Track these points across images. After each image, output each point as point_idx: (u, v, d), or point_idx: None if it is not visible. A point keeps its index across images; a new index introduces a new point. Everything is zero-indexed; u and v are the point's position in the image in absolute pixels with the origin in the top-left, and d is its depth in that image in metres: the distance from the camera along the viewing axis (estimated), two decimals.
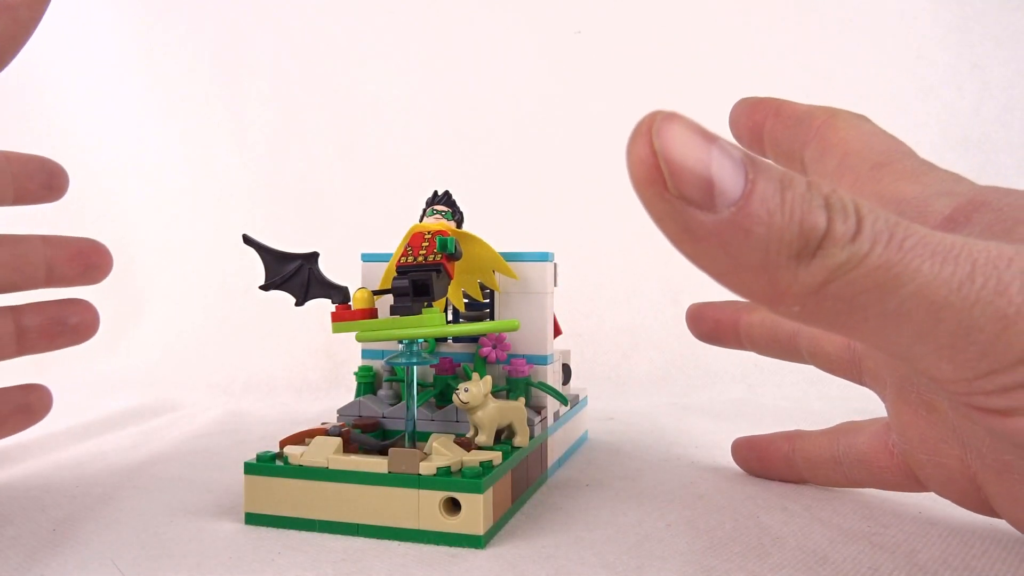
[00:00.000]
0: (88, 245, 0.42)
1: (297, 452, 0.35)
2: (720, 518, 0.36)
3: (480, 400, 0.37)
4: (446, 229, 0.38)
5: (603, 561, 0.31)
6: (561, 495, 0.41)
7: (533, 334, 0.44)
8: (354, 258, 0.47)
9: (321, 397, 0.77)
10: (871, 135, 0.29)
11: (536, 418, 0.42)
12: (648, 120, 0.18)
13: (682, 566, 0.30)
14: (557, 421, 0.46)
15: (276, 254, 0.38)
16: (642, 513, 0.37)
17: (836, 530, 0.34)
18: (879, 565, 0.30)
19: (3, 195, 0.40)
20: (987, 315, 0.18)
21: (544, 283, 0.44)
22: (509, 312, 0.44)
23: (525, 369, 0.43)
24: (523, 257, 0.44)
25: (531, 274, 0.44)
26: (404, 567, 0.30)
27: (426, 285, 0.35)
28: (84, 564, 0.31)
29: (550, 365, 0.45)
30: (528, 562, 0.31)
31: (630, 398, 0.75)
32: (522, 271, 0.44)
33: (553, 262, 0.46)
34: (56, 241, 0.41)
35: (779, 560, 0.31)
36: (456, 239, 0.37)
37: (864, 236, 0.18)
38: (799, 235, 0.18)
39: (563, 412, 0.48)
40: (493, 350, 0.43)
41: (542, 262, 0.44)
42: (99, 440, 0.57)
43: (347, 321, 0.36)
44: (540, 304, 0.44)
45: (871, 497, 0.39)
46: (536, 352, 0.44)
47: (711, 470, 0.46)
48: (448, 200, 0.41)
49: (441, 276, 0.36)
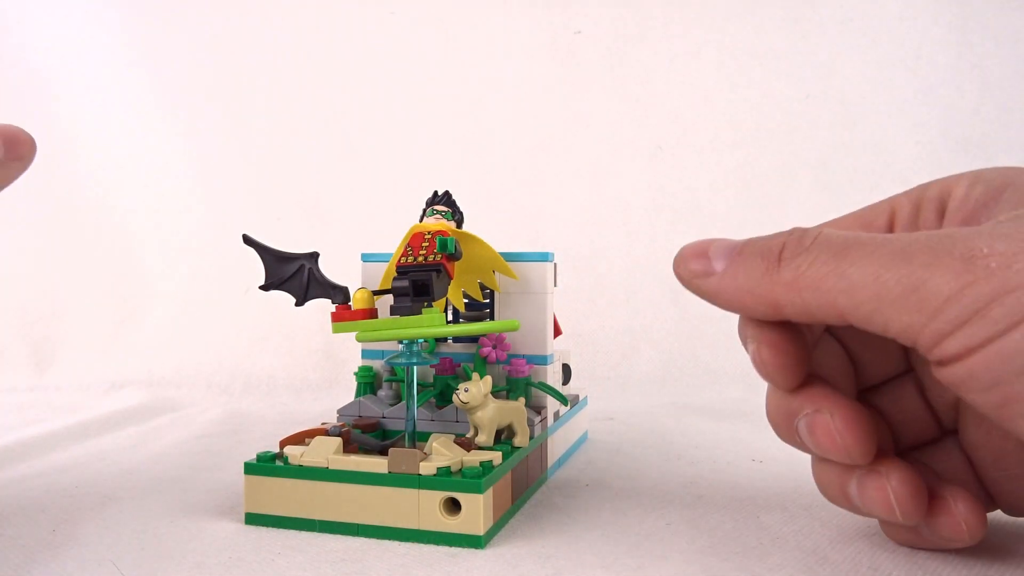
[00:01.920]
0: None
1: (297, 452, 0.35)
2: (720, 518, 0.36)
3: (480, 400, 0.37)
4: (446, 229, 0.38)
5: (603, 561, 0.31)
6: (561, 495, 0.41)
7: (533, 334, 0.44)
8: (354, 258, 0.47)
9: (321, 397, 0.77)
10: None
11: (536, 418, 0.42)
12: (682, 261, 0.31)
13: (682, 566, 0.30)
14: (557, 421, 0.46)
15: (276, 254, 0.38)
16: (642, 513, 0.37)
17: (836, 530, 0.34)
18: (879, 565, 0.30)
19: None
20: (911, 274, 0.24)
21: (544, 283, 0.44)
22: (509, 312, 0.44)
23: (525, 369, 0.43)
24: (523, 257, 0.44)
25: (531, 274, 0.44)
26: (404, 567, 0.30)
27: (426, 285, 0.35)
28: (84, 564, 0.31)
29: (550, 365, 0.45)
30: (528, 562, 0.31)
31: (630, 398, 0.75)
32: (522, 271, 0.44)
33: (553, 262, 0.46)
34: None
35: (779, 560, 0.31)
36: (456, 239, 0.37)
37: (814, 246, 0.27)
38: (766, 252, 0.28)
39: (563, 412, 0.48)
40: (493, 350, 0.43)
41: (542, 262, 0.44)
42: (99, 440, 0.57)
43: (347, 321, 0.36)
44: (540, 304, 0.44)
45: None
46: (536, 352, 0.44)
47: (711, 470, 0.46)
48: (448, 200, 0.41)
49: (441, 276, 0.36)
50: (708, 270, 0.30)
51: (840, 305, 0.26)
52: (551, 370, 0.45)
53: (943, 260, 0.24)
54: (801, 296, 0.27)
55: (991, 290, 0.23)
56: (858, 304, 0.25)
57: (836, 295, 0.26)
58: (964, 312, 0.23)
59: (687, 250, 0.31)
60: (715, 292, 0.30)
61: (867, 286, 0.25)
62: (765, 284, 0.28)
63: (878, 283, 0.25)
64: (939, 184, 0.32)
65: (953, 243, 0.24)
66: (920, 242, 0.25)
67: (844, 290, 0.26)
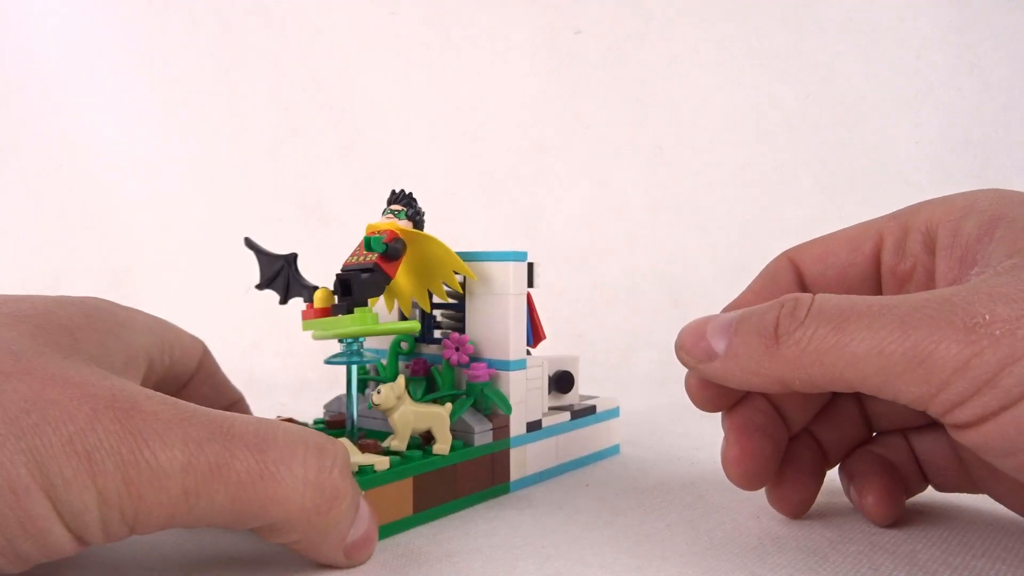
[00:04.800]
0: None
1: None
2: (720, 518, 0.36)
3: (392, 403, 0.36)
4: (393, 228, 0.38)
5: (603, 561, 0.31)
6: (561, 495, 0.41)
7: (494, 338, 0.41)
8: None
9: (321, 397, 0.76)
10: None
11: (483, 427, 0.39)
12: None
13: (682, 566, 0.30)
14: (541, 431, 0.43)
15: (268, 255, 0.39)
16: (642, 513, 0.37)
17: (836, 530, 0.34)
18: (879, 565, 0.30)
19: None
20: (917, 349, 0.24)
21: (507, 284, 0.41)
22: (474, 314, 0.42)
23: (483, 374, 0.40)
24: (485, 257, 0.41)
25: (495, 274, 0.41)
26: (403, 567, 0.30)
27: (348, 284, 0.36)
28: (84, 565, 0.31)
29: (515, 372, 0.41)
30: (528, 562, 0.31)
31: (630, 398, 0.75)
32: (484, 271, 0.41)
33: (525, 262, 0.42)
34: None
35: (779, 560, 0.31)
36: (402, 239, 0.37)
37: (809, 319, 0.26)
38: (762, 329, 0.27)
39: (559, 422, 0.45)
40: (456, 352, 0.41)
41: (504, 262, 0.41)
42: None
43: (307, 320, 0.37)
44: (503, 306, 0.41)
45: None
46: (497, 357, 0.41)
47: (711, 470, 0.46)
48: (405, 199, 0.40)
49: (373, 276, 0.36)
50: (710, 353, 0.29)
51: (848, 379, 0.26)
52: (515, 377, 0.41)
53: (946, 330, 0.24)
54: (807, 372, 0.26)
55: (998, 360, 0.23)
56: (865, 377, 0.25)
57: (842, 370, 0.26)
58: (973, 383, 0.23)
59: (685, 335, 0.31)
60: (723, 377, 0.29)
61: (872, 360, 0.25)
62: (767, 364, 0.27)
63: (883, 357, 0.25)
64: (927, 211, 0.32)
65: (954, 310, 0.24)
66: (920, 310, 0.25)
67: (849, 364, 0.25)
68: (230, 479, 0.25)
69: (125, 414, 0.24)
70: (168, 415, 0.25)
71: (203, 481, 0.24)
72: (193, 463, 0.24)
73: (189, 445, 0.24)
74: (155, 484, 0.23)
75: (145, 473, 0.23)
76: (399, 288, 0.41)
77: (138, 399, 0.25)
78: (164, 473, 0.24)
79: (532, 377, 0.43)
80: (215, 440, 0.25)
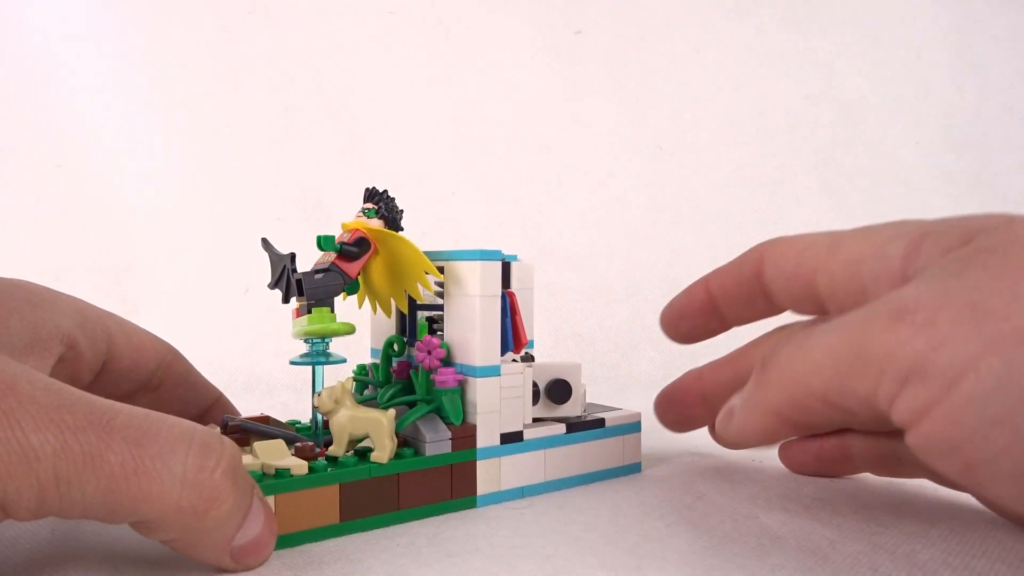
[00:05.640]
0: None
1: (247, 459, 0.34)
2: (720, 518, 0.36)
3: (329, 406, 0.35)
4: (360, 227, 0.38)
5: (603, 561, 0.31)
6: (560, 495, 0.41)
7: (461, 342, 0.39)
8: None
9: None
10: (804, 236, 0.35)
11: (437, 436, 0.37)
12: None
13: (682, 566, 0.30)
14: (521, 444, 0.40)
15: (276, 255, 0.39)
16: (642, 513, 0.37)
17: (836, 530, 0.34)
18: (879, 565, 0.30)
19: None
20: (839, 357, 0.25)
21: (474, 285, 0.38)
22: (449, 316, 0.40)
23: (451, 380, 0.39)
24: (455, 256, 0.39)
25: (464, 274, 0.39)
26: (403, 567, 0.30)
27: (299, 284, 0.36)
28: (83, 565, 0.31)
29: (483, 379, 0.38)
30: (528, 562, 0.31)
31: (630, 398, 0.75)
32: (456, 272, 0.39)
33: (497, 261, 0.39)
34: None
35: (779, 560, 0.31)
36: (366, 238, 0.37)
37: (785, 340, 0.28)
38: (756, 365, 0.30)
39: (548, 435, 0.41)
40: (427, 356, 0.39)
41: (471, 261, 0.38)
42: None
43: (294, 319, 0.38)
44: (470, 308, 0.38)
45: (871, 497, 0.39)
46: (463, 362, 0.39)
47: (711, 470, 0.46)
48: (377, 197, 0.39)
49: (327, 276, 0.36)
50: (729, 413, 0.32)
51: (815, 387, 0.26)
52: (483, 384, 0.38)
53: (875, 321, 0.24)
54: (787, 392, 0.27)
55: (924, 344, 0.23)
56: (826, 382, 0.25)
57: (809, 378, 0.26)
58: (901, 371, 0.23)
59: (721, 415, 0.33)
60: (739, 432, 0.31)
61: (826, 362, 0.25)
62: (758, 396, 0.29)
63: (832, 356, 0.25)
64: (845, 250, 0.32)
65: (887, 302, 0.24)
66: (864, 310, 0.25)
67: (811, 370, 0.26)
68: (103, 471, 0.24)
69: (0, 394, 0.24)
70: (45, 400, 0.25)
71: (75, 470, 0.24)
72: (66, 450, 0.24)
73: (64, 431, 0.24)
74: (25, 466, 0.23)
75: (16, 453, 0.23)
76: (377, 289, 0.40)
77: (17, 381, 0.25)
78: (35, 455, 0.23)
79: (509, 385, 0.40)
80: (91, 430, 0.25)
